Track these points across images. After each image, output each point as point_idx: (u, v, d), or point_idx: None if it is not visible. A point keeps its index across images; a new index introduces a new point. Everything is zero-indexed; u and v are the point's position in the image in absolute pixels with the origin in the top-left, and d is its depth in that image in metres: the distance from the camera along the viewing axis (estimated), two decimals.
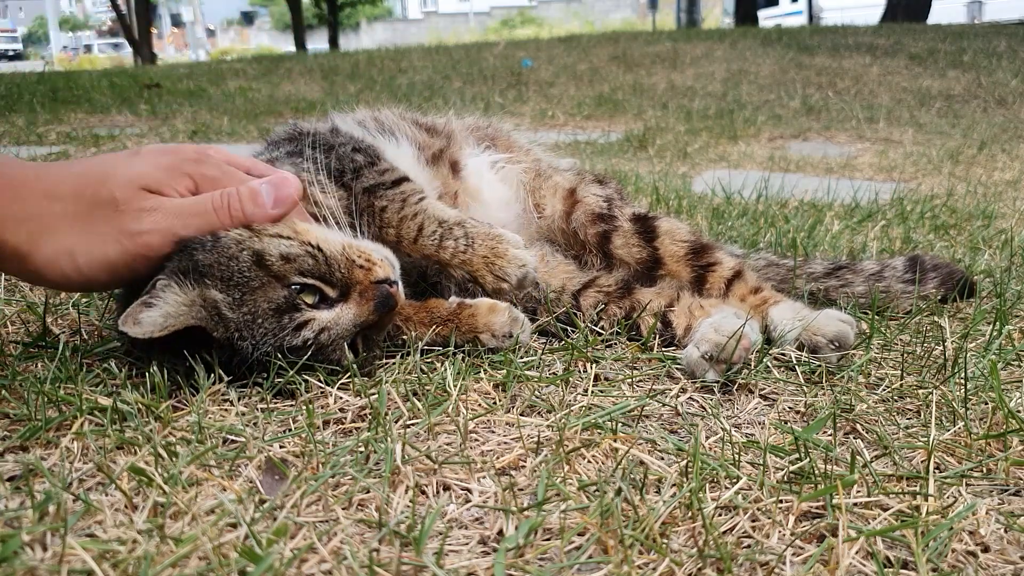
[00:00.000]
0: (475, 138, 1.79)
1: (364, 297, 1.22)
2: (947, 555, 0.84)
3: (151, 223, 1.13)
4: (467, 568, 0.80)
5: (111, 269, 1.13)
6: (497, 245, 1.39)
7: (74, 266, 1.12)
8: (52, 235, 1.11)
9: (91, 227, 1.11)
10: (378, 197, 1.43)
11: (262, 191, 1.20)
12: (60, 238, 1.11)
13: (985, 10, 27.21)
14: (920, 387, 1.27)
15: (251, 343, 1.15)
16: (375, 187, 1.44)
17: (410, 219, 1.40)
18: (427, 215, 1.40)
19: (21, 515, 0.84)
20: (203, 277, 1.15)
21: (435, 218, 1.40)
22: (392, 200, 1.43)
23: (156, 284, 1.14)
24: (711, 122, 6.83)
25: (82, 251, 1.11)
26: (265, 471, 0.97)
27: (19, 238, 1.09)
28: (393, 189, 1.44)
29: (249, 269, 1.16)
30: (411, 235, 1.40)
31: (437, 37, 23.02)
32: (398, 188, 1.45)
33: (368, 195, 1.43)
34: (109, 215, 1.12)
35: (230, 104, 7.81)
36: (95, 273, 1.13)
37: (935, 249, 2.32)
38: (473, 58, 11.34)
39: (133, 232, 1.12)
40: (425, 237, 1.39)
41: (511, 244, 1.40)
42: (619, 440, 1.05)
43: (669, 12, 35.02)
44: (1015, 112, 7.80)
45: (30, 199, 1.10)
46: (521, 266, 1.37)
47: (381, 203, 1.42)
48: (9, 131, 5.59)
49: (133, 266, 1.15)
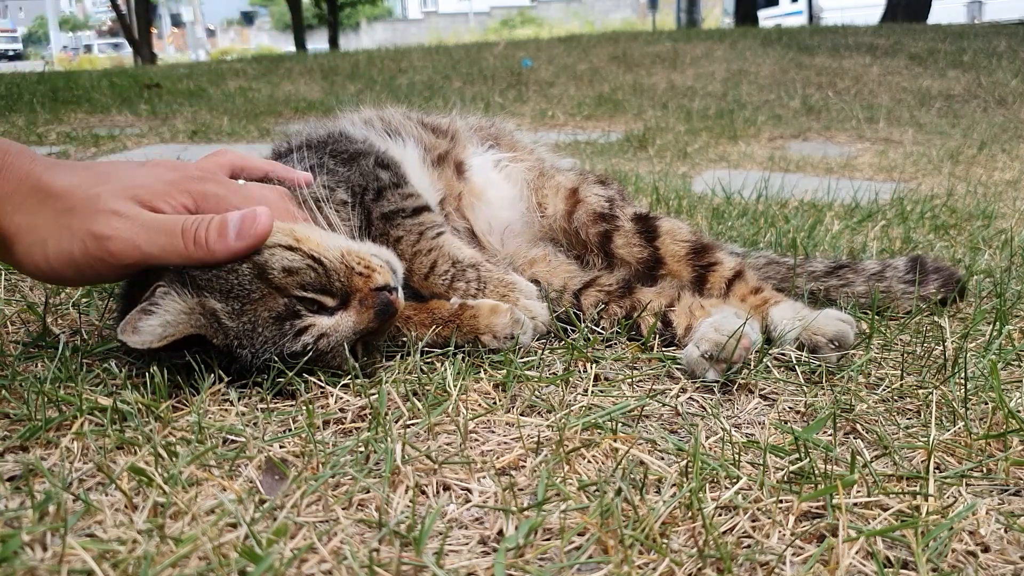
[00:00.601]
0: (479, 138, 1.79)
1: (364, 305, 1.21)
2: (947, 555, 0.84)
3: (116, 230, 1.13)
4: (467, 568, 0.80)
5: (74, 265, 1.14)
6: (509, 293, 1.39)
7: (43, 256, 1.14)
8: (35, 229, 1.13)
9: (67, 221, 1.13)
10: (395, 226, 1.41)
11: (229, 224, 1.17)
12: (41, 229, 1.13)
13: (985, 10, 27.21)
14: (920, 387, 1.27)
15: (251, 351, 1.15)
16: (395, 213, 1.42)
17: (424, 254, 1.39)
18: (442, 253, 1.39)
19: (21, 515, 0.84)
20: (202, 288, 1.15)
21: (450, 257, 1.39)
22: (409, 231, 1.41)
23: (156, 291, 1.13)
24: (711, 122, 6.83)
25: (52, 243, 1.13)
26: (265, 471, 0.97)
27: (11, 228, 1.13)
28: (413, 219, 1.42)
29: (251, 282, 1.16)
30: (423, 271, 1.39)
31: (437, 37, 23.01)
32: (417, 218, 1.43)
33: (386, 221, 1.41)
34: (87, 213, 1.13)
35: (230, 104, 7.81)
36: (60, 267, 1.14)
37: (935, 249, 2.32)
38: (473, 58, 11.33)
39: (96, 234, 1.12)
40: (437, 276, 1.38)
41: (523, 293, 1.39)
42: (619, 440, 1.05)
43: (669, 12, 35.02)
44: (1015, 112, 7.80)
45: (30, 194, 1.13)
46: (531, 317, 1.36)
47: (397, 232, 1.41)
48: (9, 131, 5.59)
49: (95, 267, 1.15)
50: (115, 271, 1.18)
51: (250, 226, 1.17)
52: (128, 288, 1.28)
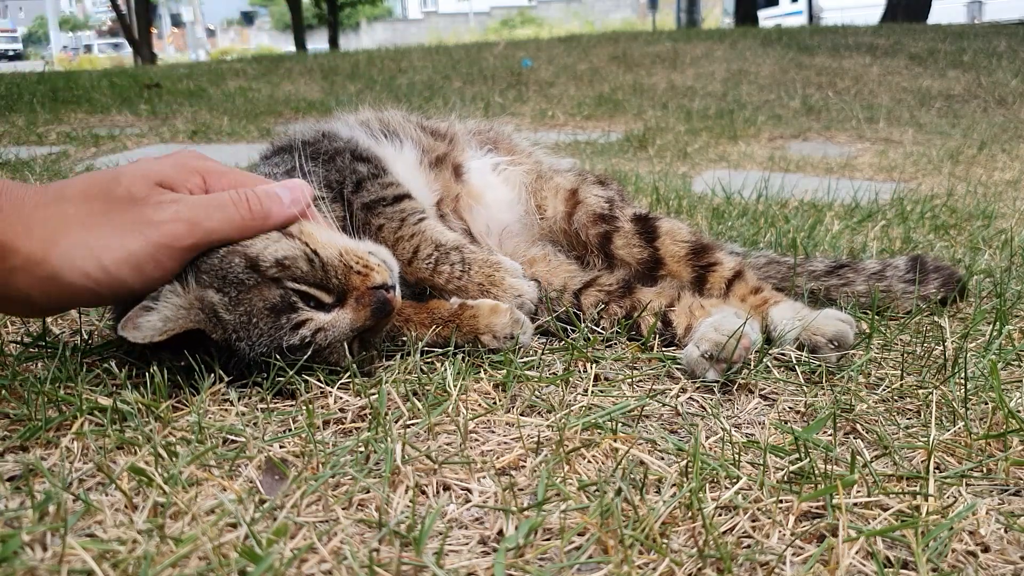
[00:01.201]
0: (478, 141, 1.80)
1: (361, 303, 1.21)
2: (947, 555, 0.84)
3: (174, 213, 1.08)
4: (467, 568, 0.80)
5: (134, 263, 1.06)
6: (494, 273, 1.38)
7: (96, 263, 1.04)
8: (67, 235, 1.04)
9: (108, 220, 1.05)
10: (376, 214, 1.41)
11: (278, 191, 1.19)
12: (76, 236, 1.04)
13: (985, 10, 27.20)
14: (920, 387, 1.27)
15: (248, 343, 1.15)
16: (375, 202, 1.42)
17: (407, 239, 1.39)
18: (424, 237, 1.39)
19: (21, 515, 0.84)
20: (202, 276, 1.15)
21: (432, 241, 1.39)
22: (391, 218, 1.40)
23: (162, 289, 1.13)
24: (711, 122, 6.83)
25: (101, 245, 1.04)
26: (265, 471, 0.97)
27: (32, 245, 1.02)
28: (393, 206, 1.42)
29: (244, 271, 1.16)
30: (406, 256, 1.38)
31: (437, 37, 23.01)
32: (398, 206, 1.42)
33: (367, 211, 1.41)
34: (127, 208, 1.06)
35: (230, 104, 7.81)
36: (118, 269, 1.05)
37: (935, 249, 2.32)
38: (473, 58, 11.33)
39: (156, 221, 1.07)
40: (420, 260, 1.38)
41: (508, 272, 1.38)
42: (619, 440, 1.05)
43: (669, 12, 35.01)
44: (1015, 112, 7.80)
45: (38, 208, 1.04)
46: (517, 296, 1.36)
47: (379, 220, 1.40)
48: (9, 131, 5.60)
49: (157, 258, 1.08)
50: (178, 258, 1.11)
51: (298, 193, 1.21)
52: None
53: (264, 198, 1.17)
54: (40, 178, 3.29)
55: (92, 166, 3.93)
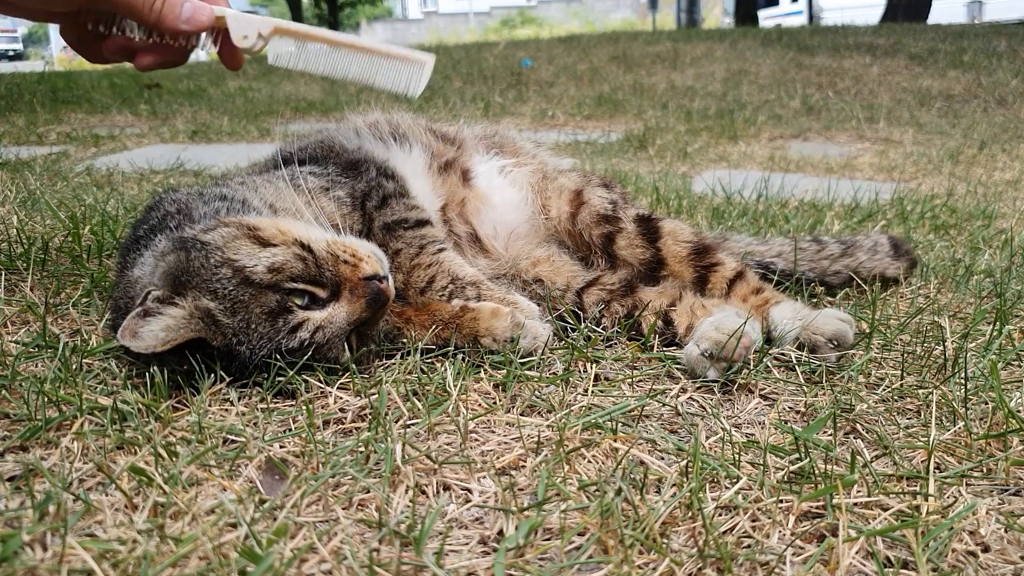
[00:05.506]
0: (484, 146, 1.81)
1: (355, 295, 1.22)
2: (947, 555, 0.84)
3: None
4: (467, 568, 0.80)
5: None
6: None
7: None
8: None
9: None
10: (396, 237, 1.39)
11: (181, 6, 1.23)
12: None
13: (985, 10, 27.18)
14: (920, 387, 1.27)
15: (248, 348, 1.16)
16: (397, 223, 1.40)
17: (423, 268, 1.38)
18: (441, 268, 1.38)
19: (21, 515, 0.84)
20: (194, 288, 1.15)
21: (449, 273, 1.38)
22: (410, 244, 1.39)
23: (148, 295, 1.14)
24: (711, 122, 6.83)
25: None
26: (265, 471, 0.97)
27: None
28: (414, 231, 1.41)
29: (234, 282, 1.16)
30: (420, 284, 1.37)
31: (437, 37, 23.02)
32: (419, 231, 1.41)
33: (387, 231, 1.40)
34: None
35: (230, 104, 7.81)
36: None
37: (935, 249, 2.32)
38: (473, 58, 11.33)
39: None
40: (434, 291, 1.37)
41: (525, 314, 1.36)
42: (619, 440, 1.05)
43: (669, 12, 35.00)
44: (1015, 112, 7.79)
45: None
46: (533, 338, 1.32)
47: (397, 244, 1.39)
48: (9, 131, 5.59)
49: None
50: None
51: (200, 16, 1.23)
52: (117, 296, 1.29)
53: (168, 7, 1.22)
54: (40, 178, 3.29)
55: (92, 166, 3.93)
